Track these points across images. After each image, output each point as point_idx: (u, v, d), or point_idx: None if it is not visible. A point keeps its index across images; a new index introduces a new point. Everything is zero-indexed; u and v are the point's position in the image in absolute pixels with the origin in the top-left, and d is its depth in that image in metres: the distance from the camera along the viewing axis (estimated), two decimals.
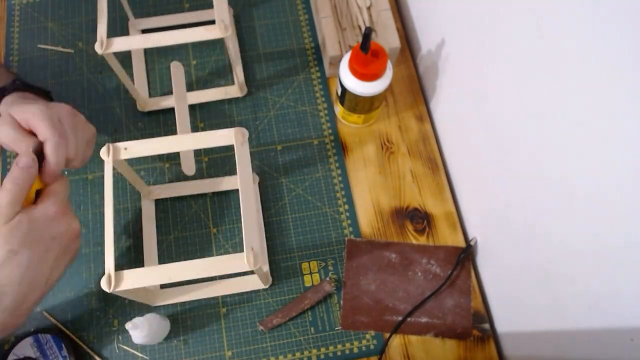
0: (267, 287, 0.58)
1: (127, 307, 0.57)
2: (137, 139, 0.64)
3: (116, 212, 0.61)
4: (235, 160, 0.48)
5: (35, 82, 0.67)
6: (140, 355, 0.55)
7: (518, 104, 0.45)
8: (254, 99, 0.67)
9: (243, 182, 0.47)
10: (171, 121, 0.65)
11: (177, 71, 0.60)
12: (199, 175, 0.63)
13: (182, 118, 0.59)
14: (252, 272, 0.56)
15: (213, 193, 0.62)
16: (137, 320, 0.49)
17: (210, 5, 0.63)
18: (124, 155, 0.48)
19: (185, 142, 0.49)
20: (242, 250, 0.45)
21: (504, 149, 0.50)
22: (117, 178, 0.62)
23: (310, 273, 0.59)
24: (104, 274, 0.44)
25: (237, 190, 0.62)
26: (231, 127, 0.51)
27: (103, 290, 0.44)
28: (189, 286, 0.57)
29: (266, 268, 0.58)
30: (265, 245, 0.59)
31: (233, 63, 0.61)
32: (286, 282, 0.59)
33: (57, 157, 0.45)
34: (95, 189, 0.62)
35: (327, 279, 0.58)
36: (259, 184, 0.63)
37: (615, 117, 0.34)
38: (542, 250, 0.46)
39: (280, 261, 0.59)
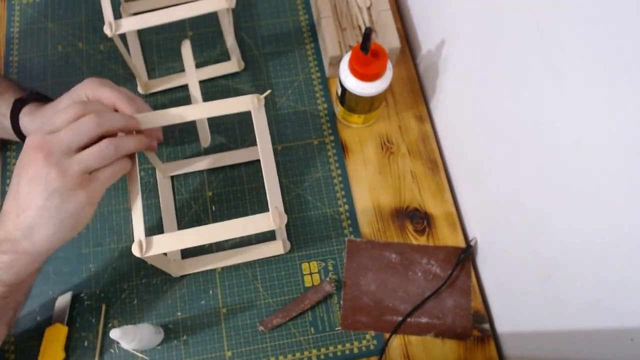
0: (286, 252, 0.59)
1: (127, 307, 0.57)
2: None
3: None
4: (249, 131, 0.48)
5: (36, 82, 0.67)
6: (140, 355, 0.55)
7: (518, 103, 0.45)
8: None
9: (263, 145, 0.48)
10: (171, 103, 0.66)
11: (186, 49, 0.61)
12: (212, 150, 0.64)
13: (195, 91, 0.60)
14: (272, 238, 0.60)
15: (229, 166, 0.63)
16: (121, 329, 0.47)
17: None
18: (143, 126, 0.48)
19: (202, 110, 0.50)
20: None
21: (504, 149, 0.50)
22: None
23: (310, 273, 0.59)
24: (130, 243, 0.45)
25: (249, 163, 0.63)
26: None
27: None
28: (209, 255, 0.59)
29: (284, 234, 0.59)
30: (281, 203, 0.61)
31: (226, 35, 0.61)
32: (286, 282, 0.59)
33: (131, 105, 0.48)
34: None
35: (327, 279, 0.58)
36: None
37: (615, 117, 0.34)
38: (542, 250, 0.46)
39: (280, 261, 0.59)
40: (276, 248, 0.59)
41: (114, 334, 0.46)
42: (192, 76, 0.60)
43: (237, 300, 0.58)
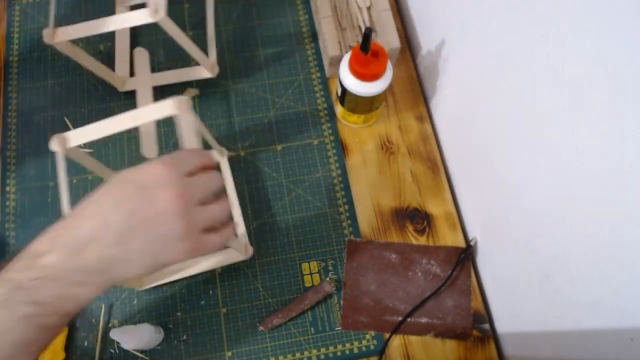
0: (246, 258, 0.57)
1: (127, 307, 0.57)
2: (101, 148, 0.64)
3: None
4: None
5: (35, 82, 0.67)
6: (140, 355, 0.55)
7: (518, 104, 0.45)
8: (254, 99, 0.67)
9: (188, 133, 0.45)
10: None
11: (140, 57, 0.57)
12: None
13: (146, 102, 0.57)
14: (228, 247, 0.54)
15: None
16: (121, 329, 0.47)
17: None
18: (74, 142, 0.46)
19: (125, 120, 0.46)
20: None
21: (504, 149, 0.50)
22: None
23: (310, 273, 0.59)
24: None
25: None
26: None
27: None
28: (173, 267, 0.56)
29: (245, 240, 0.58)
30: (241, 218, 0.59)
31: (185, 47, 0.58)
32: (286, 282, 0.59)
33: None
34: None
35: (327, 279, 0.58)
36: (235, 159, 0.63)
37: (615, 117, 0.34)
38: (542, 250, 0.46)
39: (281, 261, 0.59)
40: (234, 255, 0.57)
41: (114, 334, 0.46)
42: (144, 86, 0.56)
43: (237, 300, 0.58)
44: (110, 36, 0.69)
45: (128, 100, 0.66)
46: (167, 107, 0.45)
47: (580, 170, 0.38)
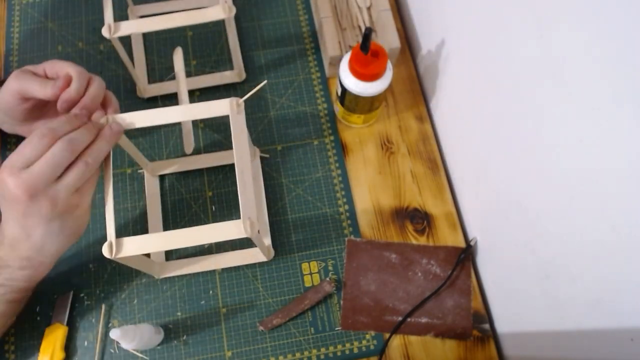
0: (269, 259, 0.59)
1: (127, 307, 0.57)
2: (139, 138, 0.65)
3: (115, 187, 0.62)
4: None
5: None
6: (140, 355, 0.55)
7: (518, 103, 0.45)
8: (254, 99, 0.67)
9: (239, 152, 0.47)
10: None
11: (177, 56, 0.60)
12: (199, 151, 0.64)
13: (184, 97, 0.59)
14: (252, 244, 0.58)
15: (229, 166, 0.63)
16: (121, 329, 0.47)
17: None
18: (131, 126, 0.48)
19: (180, 113, 0.49)
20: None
21: (504, 149, 0.50)
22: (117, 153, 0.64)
23: (310, 273, 0.59)
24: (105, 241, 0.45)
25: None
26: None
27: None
28: (192, 259, 0.59)
29: (268, 242, 0.59)
30: (266, 218, 0.60)
31: (232, 46, 0.61)
32: (286, 282, 0.59)
33: (80, 79, 0.49)
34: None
35: (327, 279, 0.58)
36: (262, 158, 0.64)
37: (615, 116, 0.34)
38: (542, 250, 0.46)
39: (280, 261, 0.59)
40: (259, 256, 0.58)
41: (114, 334, 0.46)
42: (182, 83, 0.59)
43: (237, 300, 0.58)
44: None
45: (129, 101, 0.66)
46: (222, 107, 0.48)
47: (580, 170, 0.38)
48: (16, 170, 0.42)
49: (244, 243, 0.59)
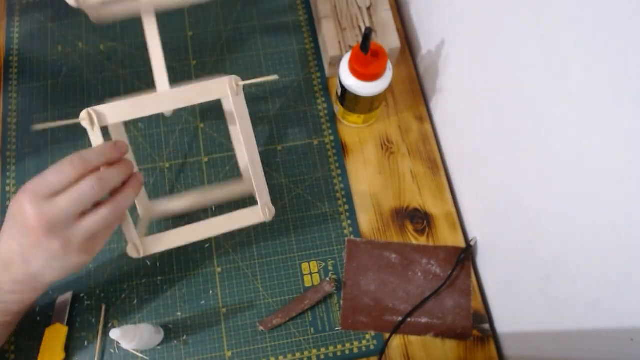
0: (267, 220, 0.51)
1: (127, 307, 0.57)
2: (139, 138, 0.65)
3: None
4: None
5: (35, 82, 0.67)
6: (140, 355, 0.55)
7: (518, 103, 0.45)
8: (254, 99, 0.67)
9: (246, 139, 0.44)
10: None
11: (150, 25, 0.50)
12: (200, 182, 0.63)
13: (161, 75, 0.49)
14: (254, 204, 0.51)
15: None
16: (121, 329, 0.47)
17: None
18: (110, 120, 0.43)
19: (172, 98, 0.43)
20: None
21: (504, 148, 0.50)
22: None
23: (310, 273, 0.59)
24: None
25: None
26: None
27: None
28: (182, 228, 0.50)
29: (267, 197, 0.52)
30: (260, 168, 0.50)
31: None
32: (286, 282, 0.59)
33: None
34: None
35: (327, 279, 0.58)
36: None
37: (615, 116, 0.34)
38: (542, 250, 0.46)
39: (280, 261, 0.59)
40: (257, 216, 0.51)
41: (114, 334, 0.46)
42: (157, 57, 0.49)
43: (237, 300, 0.58)
44: (110, 36, 0.69)
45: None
46: (220, 88, 0.42)
47: (580, 170, 0.38)
48: (39, 199, 0.40)
49: (239, 205, 0.54)
